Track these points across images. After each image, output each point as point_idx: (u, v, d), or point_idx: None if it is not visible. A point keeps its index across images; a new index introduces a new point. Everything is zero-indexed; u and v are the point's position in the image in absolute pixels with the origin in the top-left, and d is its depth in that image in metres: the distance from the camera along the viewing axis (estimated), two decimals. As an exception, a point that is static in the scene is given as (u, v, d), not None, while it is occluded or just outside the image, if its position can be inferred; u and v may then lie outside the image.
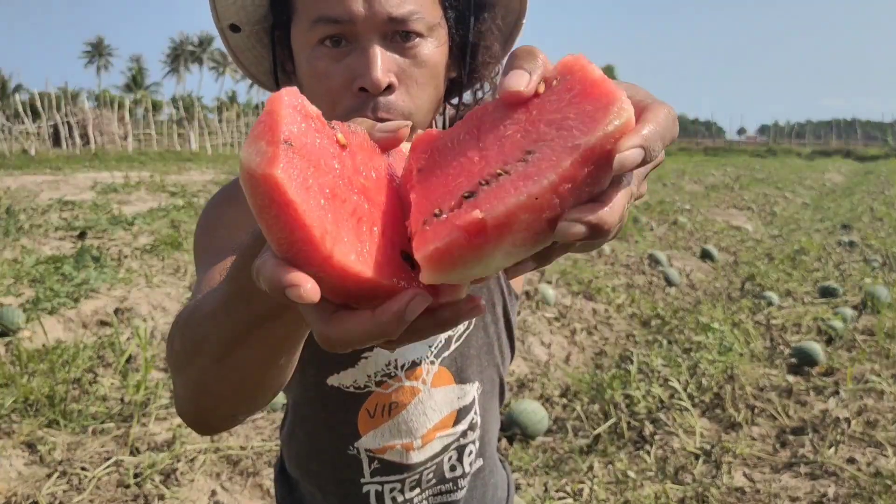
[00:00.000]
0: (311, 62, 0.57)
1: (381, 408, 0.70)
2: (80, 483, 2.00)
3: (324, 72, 0.56)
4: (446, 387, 0.72)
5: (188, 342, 0.45)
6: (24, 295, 3.43)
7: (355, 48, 0.56)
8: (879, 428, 2.33)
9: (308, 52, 0.57)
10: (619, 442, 2.44)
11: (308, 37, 0.57)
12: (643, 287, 4.81)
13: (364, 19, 0.55)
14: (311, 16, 0.56)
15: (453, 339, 0.72)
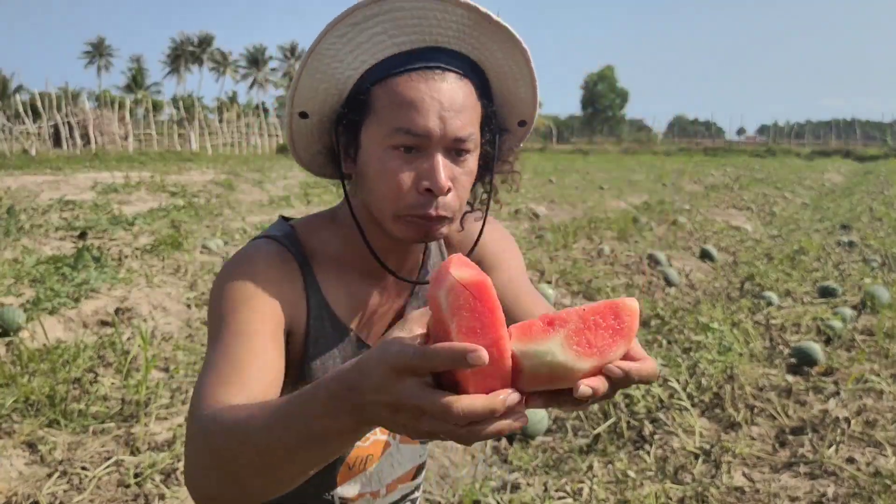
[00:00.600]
0: (383, 160, 0.68)
1: (360, 461, 0.80)
2: (81, 483, 2.00)
3: (395, 170, 0.67)
4: (412, 445, 0.84)
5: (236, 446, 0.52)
6: (24, 295, 3.44)
7: (423, 155, 0.68)
8: (879, 428, 2.33)
9: (381, 151, 0.68)
10: (618, 441, 2.44)
11: (385, 139, 0.68)
12: (643, 287, 4.81)
13: (438, 137, 0.67)
14: (393, 123, 0.67)
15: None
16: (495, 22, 0.69)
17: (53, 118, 19.08)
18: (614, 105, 63.24)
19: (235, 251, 0.80)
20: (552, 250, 5.41)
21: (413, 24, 0.68)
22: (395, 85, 0.68)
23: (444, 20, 0.68)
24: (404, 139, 0.67)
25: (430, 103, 0.67)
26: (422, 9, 0.67)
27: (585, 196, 10.16)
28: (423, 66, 0.68)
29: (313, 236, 0.76)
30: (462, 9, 0.68)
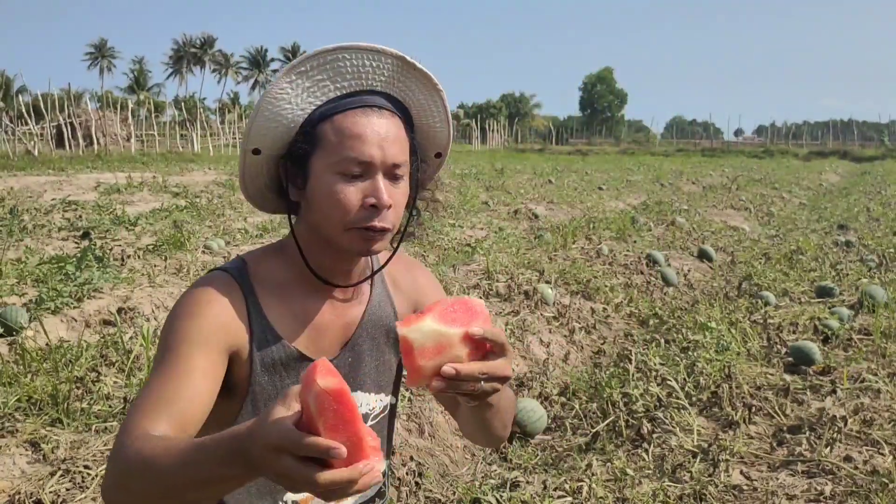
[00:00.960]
0: (332, 184, 0.80)
1: None
2: (83, 481, 2.02)
3: (344, 191, 0.79)
4: None
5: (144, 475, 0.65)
6: (27, 294, 3.46)
7: (367, 178, 0.80)
8: (876, 426, 2.34)
9: (330, 176, 0.80)
10: (617, 440, 2.46)
11: (334, 166, 0.79)
12: (641, 286, 4.83)
13: (379, 162, 0.80)
14: (341, 153, 0.79)
15: (370, 417, 0.93)
16: (418, 69, 0.82)
17: (56, 119, 19.10)
18: (613, 106, 63.26)
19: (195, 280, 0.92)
20: (551, 250, 5.42)
21: (352, 72, 0.80)
22: (341, 121, 0.80)
23: (377, 68, 0.81)
24: (351, 166, 0.79)
25: (371, 135, 0.79)
26: (359, 58, 0.80)
27: (584, 196, 10.18)
28: (363, 104, 0.80)
29: (261, 266, 0.86)
30: (391, 58, 0.81)
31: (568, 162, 22.28)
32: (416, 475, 2.21)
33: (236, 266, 0.86)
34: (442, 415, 2.61)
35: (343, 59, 0.79)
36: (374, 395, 0.94)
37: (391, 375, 0.97)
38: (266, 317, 0.84)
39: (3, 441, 2.15)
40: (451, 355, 0.64)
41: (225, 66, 65.23)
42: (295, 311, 0.86)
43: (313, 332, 0.87)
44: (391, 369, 0.97)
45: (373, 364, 0.93)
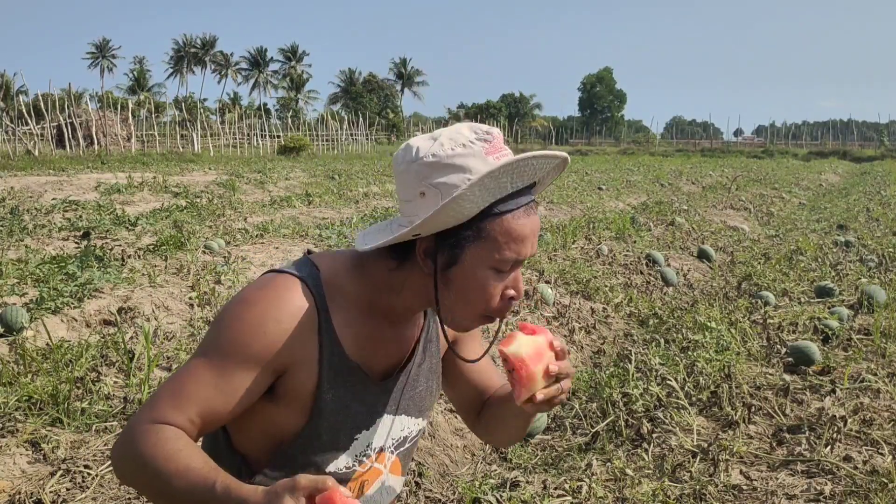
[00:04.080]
0: (482, 276, 0.82)
1: (357, 485, 0.89)
2: (84, 481, 2.02)
3: (490, 283, 0.82)
4: (398, 476, 0.95)
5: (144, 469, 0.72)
6: (28, 294, 3.46)
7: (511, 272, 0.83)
8: (875, 426, 2.34)
9: (482, 268, 0.81)
10: (617, 440, 2.46)
11: (493, 262, 0.81)
12: (641, 286, 4.83)
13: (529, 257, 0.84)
14: (505, 252, 0.81)
15: (408, 440, 0.95)
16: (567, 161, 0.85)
17: (56, 119, 19.11)
18: (613, 106, 63.24)
19: (259, 277, 0.87)
20: (551, 250, 5.43)
21: (530, 174, 0.82)
22: (510, 223, 0.81)
23: (544, 168, 0.83)
24: (508, 265, 0.82)
25: (532, 236, 0.83)
26: (540, 163, 0.82)
27: (584, 196, 10.18)
28: (526, 203, 0.82)
29: (336, 278, 0.86)
30: (559, 160, 0.84)
31: (568, 162, 22.22)
32: (416, 475, 2.21)
33: (311, 274, 0.84)
34: (442, 415, 2.62)
35: (530, 164, 0.80)
36: (415, 420, 0.95)
37: (433, 400, 0.98)
38: (335, 331, 0.83)
39: (4, 441, 2.16)
40: (547, 359, 0.78)
41: (225, 67, 65.22)
42: (357, 326, 0.85)
43: (371, 348, 0.87)
44: (433, 394, 0.98)
45: (422, 388, 0.94)
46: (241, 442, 0.86)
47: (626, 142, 46.88)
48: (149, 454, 0.72)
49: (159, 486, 0.71)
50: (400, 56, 79.15)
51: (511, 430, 0.97)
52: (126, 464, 0.74)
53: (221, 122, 28.18)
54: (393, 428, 0.90)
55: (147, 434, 0.73)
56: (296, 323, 0.79)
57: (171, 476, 0.70)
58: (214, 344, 0.78)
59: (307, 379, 0.82)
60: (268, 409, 0.82)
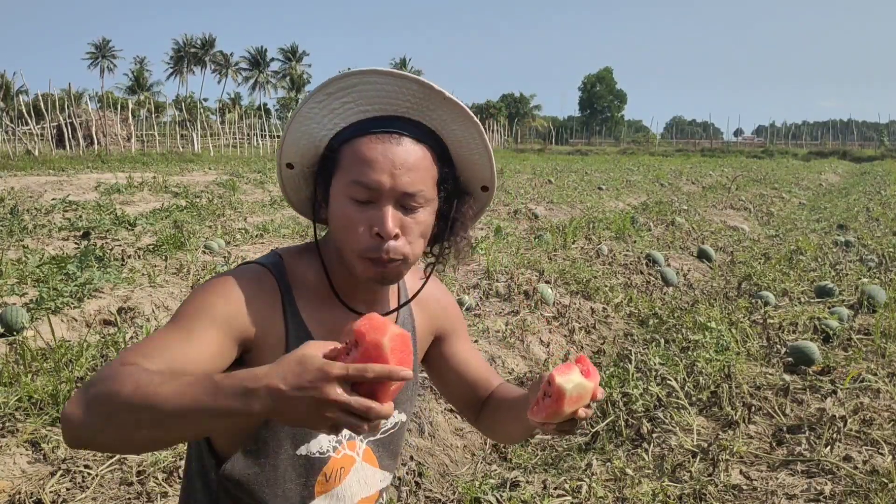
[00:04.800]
0: (343, 207, 0.80)
1: (335, 472, 0.88)
2: (84, 481, 2.02)
3: (351, 216, 0.80)
4: (374, 468, 0.93)
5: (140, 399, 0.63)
6: (28, 294, 3.46)
7: (375, 206, 0.79)
8: (875, 426, 2.34)
9: (343, 200, 0.80)
10: (617, 440, 2.46)
11: (345, 189, 0.80)
12: (641, 286, 4.83)
13: (387, 190, 0.79)
14: (351, 177, 0.79)
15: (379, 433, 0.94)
16: (447, 98, 0.81)
17: (56, 119, 19.10)
18: (613, 106, 63.24)
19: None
20: (551, 250, 5.43)
21: (376, 97, 0.80)
22: (358, 145, 0.80)
23: (400, 94, 0.80)
24: (358, 190, 0.79)
25: (383, 161, 0.79)
26: (383, 83, 0.80)
27: (584, 196, 10.18)
28: (382, 130, 0.80)
29: (298, 265, 0.86)
30: (415, 84, 0.80)
31: (567, 162, 22.29)
32: (416, 475, 2.21)
33: (273, 262, 0.85)
34: (442, 415, 2.62)
35: (366, 82, 0.79)
36: None
37: (409, 394, 0.97)
38: (301, 316, 0.84)
39: (4, 441, 2.16)
40: (581, 403, 0.80)
41: (225, 67, 65.21)
42: (323, 316, 0.85)
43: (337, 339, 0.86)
44: (409, 387, 0.97)
45: None
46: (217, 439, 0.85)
47: (626, 142, 46.89)
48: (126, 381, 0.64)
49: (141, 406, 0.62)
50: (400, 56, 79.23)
51: (514, 435, 0.98)
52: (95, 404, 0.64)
53: (221, 122, 28.18)
54: None
55: (120, 372, 0.66)
56: (260, 300, 0.80)
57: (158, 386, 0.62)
58: (181, 311, 0.78)
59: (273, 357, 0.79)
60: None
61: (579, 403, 0.78)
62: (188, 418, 0.62)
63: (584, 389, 0.78)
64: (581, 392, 0.78)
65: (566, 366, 0.80)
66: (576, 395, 0.77)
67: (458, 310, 1.04)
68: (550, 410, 0.78)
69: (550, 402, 0.78)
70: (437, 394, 2.72)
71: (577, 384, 0.78)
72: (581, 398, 0.78)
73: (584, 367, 0.81)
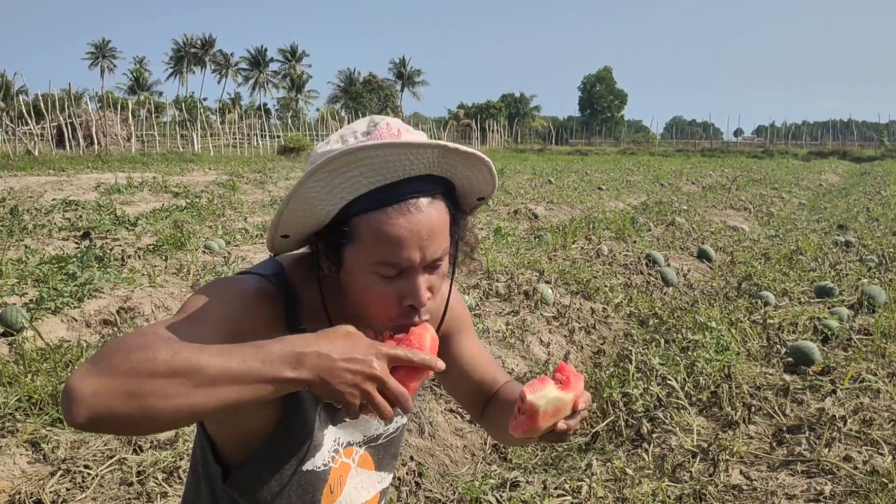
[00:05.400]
0: (368, 283, 0.75)
1: (336, 482, 0.87)
2: (84, 481, 2.02)
3: (380, 292, 0.75)
4: (368, 471, 0.92)
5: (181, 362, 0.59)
6: (28, 294, 3.46)
7: (404, 277, 0.75)
8: (875, 426, 2.34)
9: (365, 275, 0.75)
10: (617, 440, 2.46)
11: (369, 266, 0.74)
12: (641, 286, 4.83)
13: (418, 264, 0.74)
14: (377, 256, 0.73)
15: (382, 436, 0.93)
16: (462, 151, 0.75)
17: (56, 119, 19.11)
18: (613, 106, 63.22)
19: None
20: (551, 250, 5.43)
21: (386, 167, 0.72)
22: (377, 222, 0.72)
23: (415, 161, 0.73)
24: (387, 269, 0.73)
25: (410, 237, 0.72)
26: (394, 155, 0.71)
27: (584, 196, 10.18)
28: (400, 200, 0.72)
29: (298, 278, 0.81)
30: (432, 150, 0.73)
31: (568, 162, 22.29)
32: (416, 475, 2.21)
33: (275, 271, 0.81)
34: (442, 415, 2.62)
35: (374, 157, 0.71)
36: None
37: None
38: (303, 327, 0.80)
39: (4, 441, 2.16)
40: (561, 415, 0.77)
41: (225, 67, 65.22)
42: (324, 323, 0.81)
43: None
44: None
45: None
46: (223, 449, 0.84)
47: (626, 142, 46.88)
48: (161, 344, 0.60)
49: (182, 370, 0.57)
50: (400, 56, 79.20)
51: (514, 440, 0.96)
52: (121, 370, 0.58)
53: (221, 122, 28.18)
54: (365, 425, 0.90)
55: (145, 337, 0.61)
56: (262, 311, 0.76)
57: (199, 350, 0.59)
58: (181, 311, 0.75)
59: None
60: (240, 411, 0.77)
61: (557, 417, 0.76)
62: (233, 384, 0.58)
63: (562, 402, 0.75)
64: (558, 405, 0.75)
65: (540, 380, 0.77)
66: (551, 409, 0.75)
67: (464, 308, 1.01)
68: (526, 427, 0.76)
69: (524, 419, 0.75)
70: (436, 394, 2.72)
71: (551, 399, 0.75)
72: (558, 411, 0.76)
73: (564, 375, 0.78)
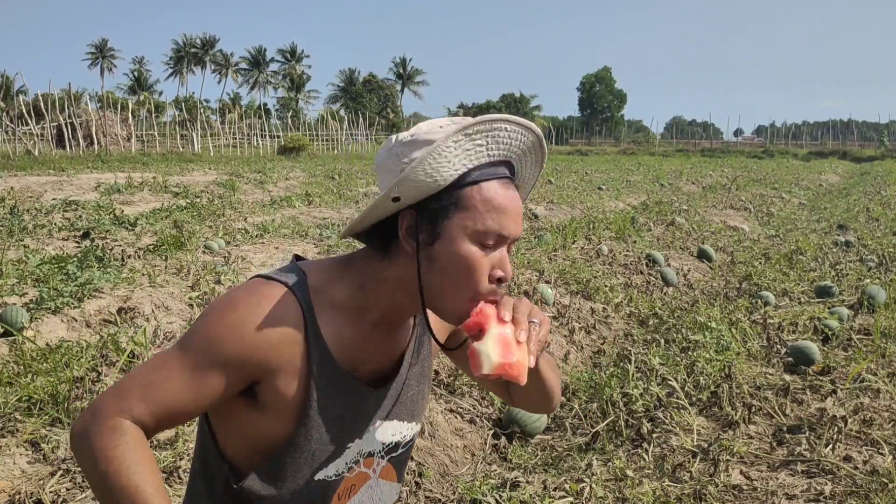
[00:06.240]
0: (469, 250, 0.79)
1: (346, 490, 0.89)
2: (84, 481, 2.02)
3: (478, 260, 0.79)
4: (391, 482, 0.94)
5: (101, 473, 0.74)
6: (28, 294, 3.46)
7: (495, 249, 0.81)
8: (875, 426, 2.34)
9: (466, 243, 0.79)
10: (617, 440, 2.46)
11: (473, 235, 0.79)
12: (641, 286, 4.83)
13: (513, 238, 0.81)
14: (485, 223, 0.79)
15: (401, 446, 0.94)
16: (544, 148, 0.86)
17: (56, 119, 19.11)
18: (612, 106, 63.21)
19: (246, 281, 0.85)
20: (551, 250, 5.43)
21: (506, 142, 0.81)
22: (489, 191, 0.80)
23: (522, 142, 0.82)
24: (491, 237, 0.79)
25: (513, 210, 0.81)
26: (515, 130, 0.81)
27: (584, 196, 10.18)
28: (505, 176, 0.82)
29: (324, 284, 0.83)
30: (532, 135, 0.83)
31: (567, 162, 22.29)
32: (416, 475, 2.21)
33: (298, 281, 0.82)
34: (442, 415, 2.62)
35: (503, 128, 0.80)
36: (407, 424, 0.93)
37: (424, 404, 0.97)
38: (323, 339, 0.81)
39: (4, 441, 2.16)
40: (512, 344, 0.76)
41: (225, 67, 65.23)
42: (347, 333, 0.83)
43: (362, 355, 0.85)
44: (425, 398, 0.96)
45: (413, 392, 0.93)
46: (227, 449, 0.85)
47: (626, 142, 46.88)
48: (105, 456, 0.74)
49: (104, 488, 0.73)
50: (400, 56, 79.23)
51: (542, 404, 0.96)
52: (83, 452, 0.76)
53: (221, 122, 28.19)
54: (384, 433, 0.90)
55: (110, 433, 0.75)
56: (277, 331, 0.78)
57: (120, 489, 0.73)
58: (191, 340, 0.78)
59: (292, 387, 0.80)
60: (253, 417, 0.81)
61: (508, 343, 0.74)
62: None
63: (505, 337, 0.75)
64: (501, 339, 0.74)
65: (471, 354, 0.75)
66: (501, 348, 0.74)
67: None
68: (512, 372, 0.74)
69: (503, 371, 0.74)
70: (436, 394, 2.72)
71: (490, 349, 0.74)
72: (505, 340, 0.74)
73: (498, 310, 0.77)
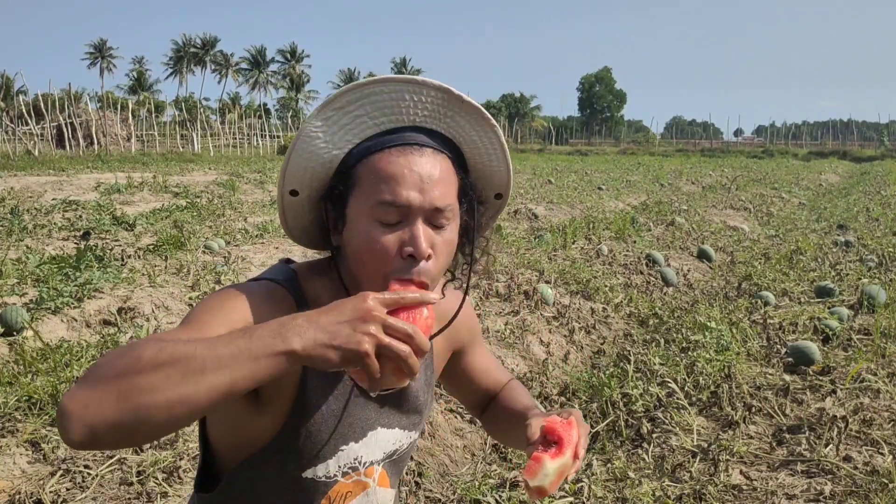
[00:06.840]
0: (368, 230, 0.74)
1: (339, 496, 0.85)
2: (84, 481, 2.02)
3: (379, 238, 0.73)
4: (387, 489, 0.91)
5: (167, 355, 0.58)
6: (28, 294, 3.46)
7: (405, 225, 0.73)
8: (875, 426, 2.35)
9: (366, 223, 0.74)
10: (617, 440, 2.46)
11: (369, 211, 0.73)
12: (641, 286, 4.83)
13: (417, 207, 0.73)
14: (376, 196, 0.73)
15: (398, 452, 0.91)
16: (466, 102, 0.75)
17: (56, 119, 19.12)
18: (612, 106, 63.24)
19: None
20: (551, 250, 5.43)
21: (391, 106, 0.74)
22: (377, 161, 0.74)
23: (419, 101, 0.74)
24: (387, 211, 0.73)
25: (409, 175, 0.73)
26: (398, 91, 0.73)
27: (584, 196, 10.18)
28: (402, 143, 0.74)
29: (311, 283, 0.81)
30: (434, 90, 0.74)
31: (567, 162, 22.29)
32: (416, 475, 2.21)
33: (287, 277, 0.81)
34: (442, 415, 2.62)
35: (380, 92, 0.73)
36: (408, 433, 0.91)
37: (427, 413, 0.94)
38: None
39: (4, 441, 2.16)
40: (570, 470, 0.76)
41: (225, 67, 65.22)
42: None
43: None
44: (428, 407, 0.94)
45: (418, 402, 0.91)
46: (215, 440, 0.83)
47: (626, 142, 46.88)
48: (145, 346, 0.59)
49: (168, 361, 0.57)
50: (400, 56, 79.26)
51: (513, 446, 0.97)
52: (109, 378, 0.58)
53: (221, 122, 28.21)
54: (385, 442, 0.88)
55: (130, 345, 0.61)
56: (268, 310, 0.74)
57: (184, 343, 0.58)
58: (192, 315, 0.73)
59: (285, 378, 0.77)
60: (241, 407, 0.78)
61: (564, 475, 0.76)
62: (223, 367, 0.57)
63: (563, 466, 0.75)
64: (562, 469, 0.75)
65: (535, 459, 0.75)
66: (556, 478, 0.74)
67: (475, 319, 1.00)
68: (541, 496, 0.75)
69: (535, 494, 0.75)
70: (436, 394, 2.72)
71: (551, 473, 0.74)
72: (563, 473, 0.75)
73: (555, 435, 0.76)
